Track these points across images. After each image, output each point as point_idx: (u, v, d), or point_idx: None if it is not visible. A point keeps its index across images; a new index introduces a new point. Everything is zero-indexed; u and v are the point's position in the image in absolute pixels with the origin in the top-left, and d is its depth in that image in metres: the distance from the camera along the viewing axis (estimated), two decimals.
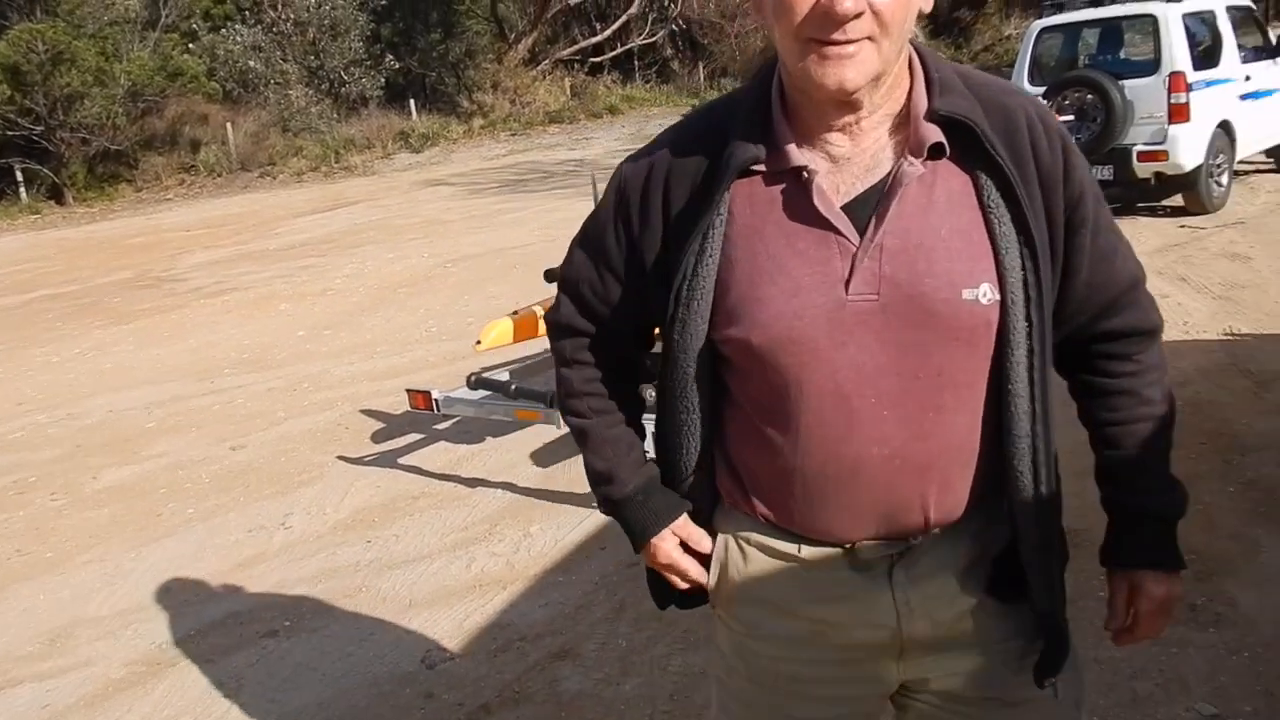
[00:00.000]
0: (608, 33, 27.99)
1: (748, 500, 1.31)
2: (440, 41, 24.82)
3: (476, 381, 4.35)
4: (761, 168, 1.19)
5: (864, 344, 1.15)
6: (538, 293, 4.80)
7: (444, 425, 5.15)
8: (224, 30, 22.05)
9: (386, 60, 23.46)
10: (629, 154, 1.33)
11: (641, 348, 1.46)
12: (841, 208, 1.15)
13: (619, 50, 28.49)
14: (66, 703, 3.12)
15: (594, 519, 3.90)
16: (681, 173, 1.24)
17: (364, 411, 5.59)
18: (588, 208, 1.57)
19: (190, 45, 21.99)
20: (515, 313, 4.52)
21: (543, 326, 4.47)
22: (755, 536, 1.32)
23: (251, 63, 21.45)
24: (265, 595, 3.65)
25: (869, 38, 1.08)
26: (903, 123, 1.17)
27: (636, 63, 29.11)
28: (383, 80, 23.12)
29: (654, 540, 1.38)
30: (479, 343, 4.37)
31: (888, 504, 1.21)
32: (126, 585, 3.87)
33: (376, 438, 5.18)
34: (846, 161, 1.17)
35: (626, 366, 1.46)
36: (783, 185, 1.18)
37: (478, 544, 3.88)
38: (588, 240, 1.35)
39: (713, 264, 1.19)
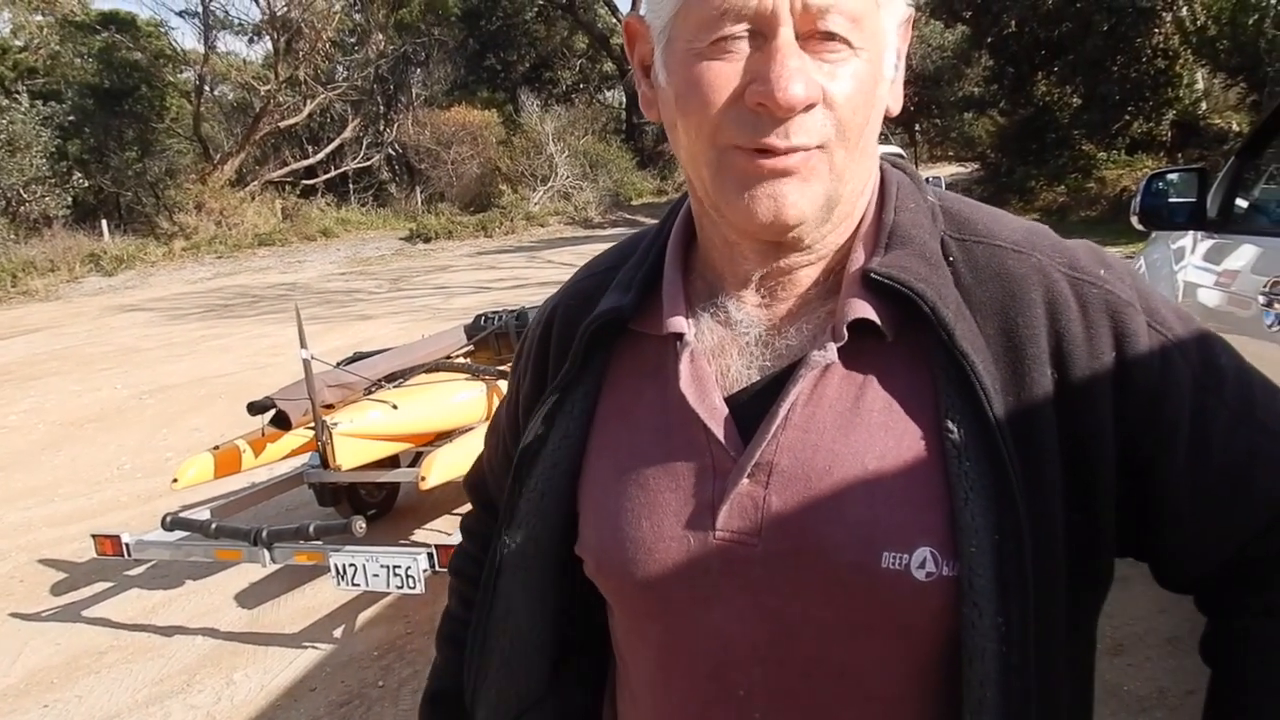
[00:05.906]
0: (321, 155, 27.79)
1: None
2: (137, 160, 23.66)
3: (173, 522, 4.11)
4: (642, 329, 0.86)
5: (736, 608, 0.77)
6: (243, 425, 4.64)
7: (137, 571, 4.80)
8: None
9: (74, 178, 22.01)
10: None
11: None
12: (729, 398, 0.80)
13: (333, 173, 28.31)
14: None
15: (303, 659, 3.76)
16: (568, 320, 0.92)
17: (42, 561, 5.10)
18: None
19: None
20: (217, 447, 4.35)
21: (246, 460, 4.40)
22: None
23: None
24: None
25: (820, 145, 0.72)
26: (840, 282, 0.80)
27: (352, 185, 29.02)
28: (69, 199, 21.64)
29: None
30: (176, 481, 4.17)
31: None
32: None
33: (57, 589, 4.74)
34: (749, 331, 0.81)
35: None
36: (665, 356, 0.84)
37: (173, 697, 3.62)
38: (509, 384, 1.05)
39: (566, 447, 0.87)
